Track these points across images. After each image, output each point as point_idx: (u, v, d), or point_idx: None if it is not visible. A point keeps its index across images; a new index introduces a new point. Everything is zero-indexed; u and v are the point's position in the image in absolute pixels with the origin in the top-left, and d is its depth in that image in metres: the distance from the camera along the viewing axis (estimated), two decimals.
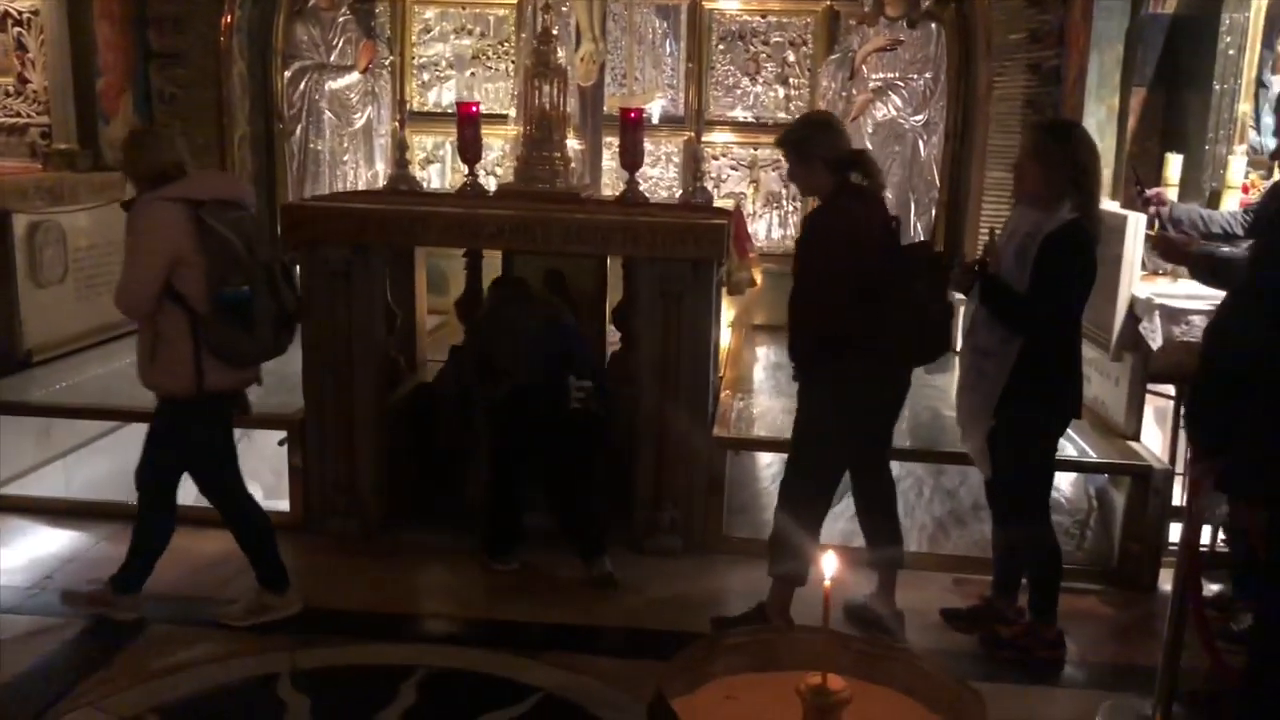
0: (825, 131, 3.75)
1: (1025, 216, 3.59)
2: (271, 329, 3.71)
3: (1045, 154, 3.51)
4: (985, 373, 3.57)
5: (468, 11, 7.63)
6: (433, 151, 7.75)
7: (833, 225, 3.65)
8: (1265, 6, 5.00)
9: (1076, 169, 3.48)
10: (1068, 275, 3.50)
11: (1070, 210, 3.48)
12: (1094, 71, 5.96)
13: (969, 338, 3.71)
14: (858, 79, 6.77)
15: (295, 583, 4.08)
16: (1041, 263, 3.44)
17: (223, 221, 3.57)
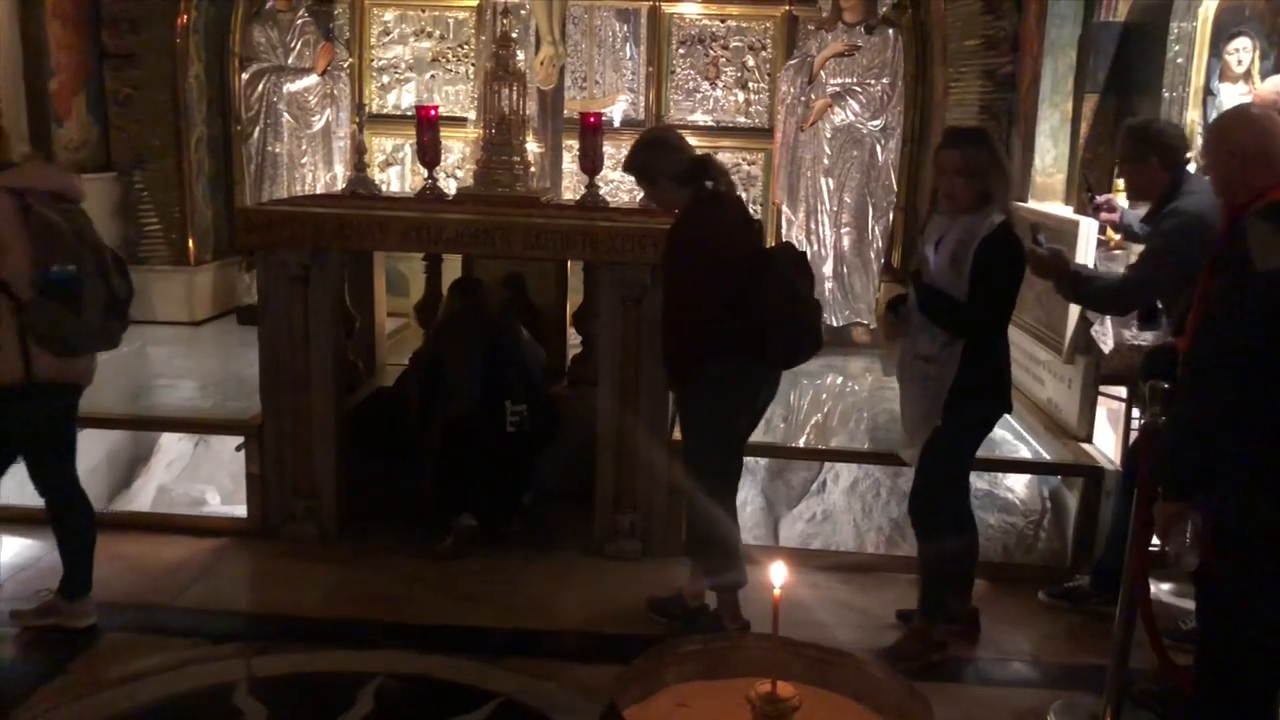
0: (662, 149, 3.81)
1: (956, 222, 3.59)
2: (100, 314, 3.62)
3: (975, 164, 3.52)
4: (930, 377, 3.61)
5: (427, 14, 7.62)
6: (392, 154, 7.72)
7: (691, 235, 3.70)
8: (1212, 16, 5.09)
9: (1003, 172, 3.56)
10: (1005, 277, 3.57)
11: (998, 213, 3.53)
12: (1048, 78, 6.05)
13: (909, 345, 3.72)
14: (816, 84, 6.82)
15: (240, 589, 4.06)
16: (979, 267, 3.48)
17: (51, 210, 3.54)
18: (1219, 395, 2.38)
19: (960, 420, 3.62)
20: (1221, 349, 2.39)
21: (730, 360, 3.66)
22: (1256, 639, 2.44)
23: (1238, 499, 2.42)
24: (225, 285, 7.41)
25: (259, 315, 4.67)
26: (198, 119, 7.16)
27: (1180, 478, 2.57)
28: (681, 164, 3.76)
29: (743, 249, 3.73)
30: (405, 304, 6.32)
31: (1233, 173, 3.01)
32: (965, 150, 3.54)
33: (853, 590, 4.37)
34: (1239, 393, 2.34)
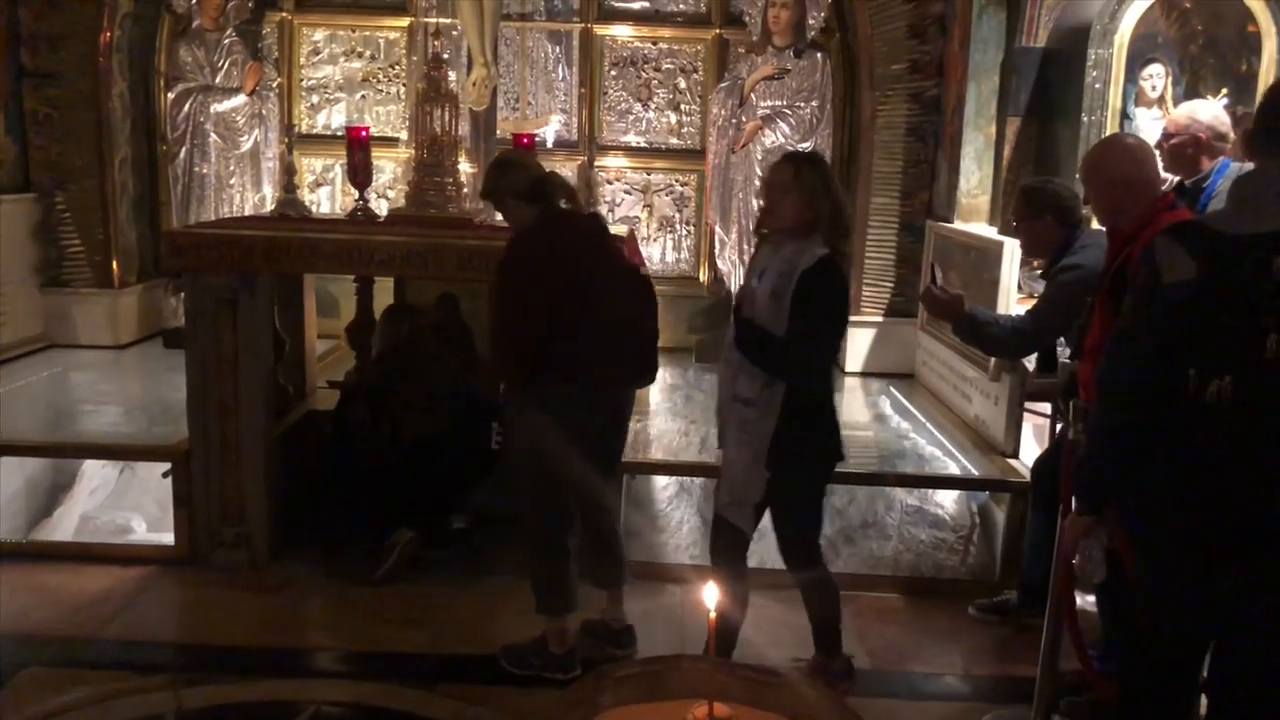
0: (508, 170, 3.82)
1: (779, 253, 3.38)
2: None
3: (805, 184, 3.32)
4: (748, 422, 3.38)
5: (357, 34, 7.57)
6: (322, 174, 7.65)
7: (520, 254, 3.69)
8: (1127, 43, 5.25)
9: (832, 201, 3.34)
10: (823, 314, 3.33)
11: (821, 245, 3.33)
12: (972, 101, 6.20)
13: (729, 387, 3.48)
14: (747, 106, 6.90)
15: (168, 619, 3.97)
16: (797, 302, 3.27)
17: None
18: (1125, 408, 2.42)
19: (791, 475, 3.44)
20: (1126, 363, 2.44)
21: (555, 383, 3.59)
22: (1172, 645, 2.49)
23: (1147, 509, 2.45)
24: (150, 308, 7.26)
25: (186, 339, 4.60)
26: (121, 139, 7.03)
27: (1091, 491, 2.61)
28: (525, 182, 3.75)
29: (587, 266, 3.64)
30: (336, 325, 6.25)
31: (1117, 201, 3.16)
32: (800, 169, 3.35)
33: (786, 608, 4.39)
34: (1143, 405, 2.37)
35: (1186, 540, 2.33)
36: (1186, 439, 2.29)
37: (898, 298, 6.95)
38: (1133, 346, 2.40)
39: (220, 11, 7.04)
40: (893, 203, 6.92)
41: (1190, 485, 2.30)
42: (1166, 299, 2.27)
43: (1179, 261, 2.25)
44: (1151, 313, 2.34)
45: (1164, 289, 2.27)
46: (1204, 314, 2.23)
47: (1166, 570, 2.41)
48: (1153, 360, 2.32)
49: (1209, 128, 3.98)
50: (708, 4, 7.45)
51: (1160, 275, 2.27)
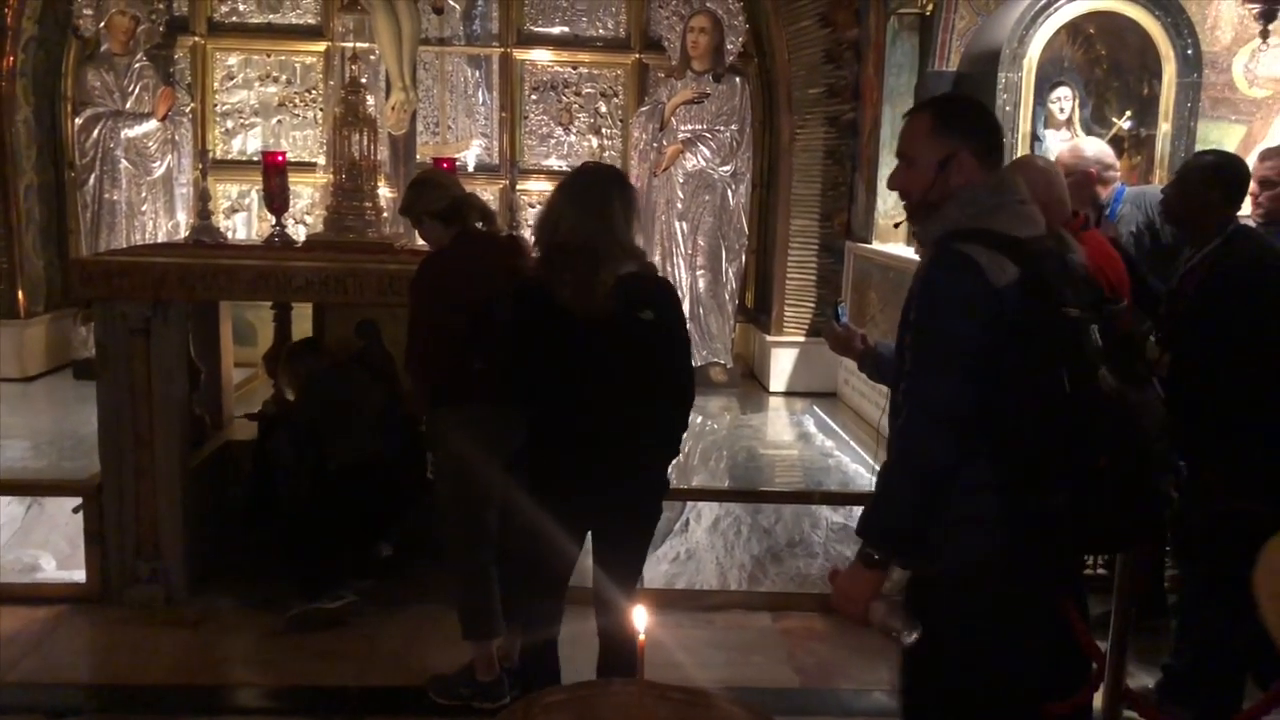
0: (426, 189, 3.80)
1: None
2: None
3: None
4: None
5: (272, 59, 7.47)
6: (238, 200, 7.52)
7: (432, 273, 3.67)
8: (1035, 67, 5.40)
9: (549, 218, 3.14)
10: (516, 335, 3.15)
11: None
12: (887, 124, 6.32)
13: None
14: (668, 130, 6.95)
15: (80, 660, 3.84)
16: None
17: None
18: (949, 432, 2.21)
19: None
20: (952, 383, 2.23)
21: (470, 404, 3.54)
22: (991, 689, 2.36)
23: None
24: (59, 339, 7.05)
25: (97, 370, 4.47)
26: (26, 165, 6.84)
27: (899, 537, 2.28)
28: (442, 202, 3.71)
29: (491, 289, 3.53)
30: (253, 354, 6.13)
31: None
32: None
33: (715, 629, 4.41)
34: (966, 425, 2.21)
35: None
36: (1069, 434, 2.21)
37: (819, 318, 7.03)
38: (956, 363, 2.19)
39: (129, 36, 6.90)
40: (812, 224, 7.02)
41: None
42: (999, 301, 2.17)
43: (1002, 264, 2.18)
44: (977, 322, 2.18)
45: (1000, 291, 2.16)
46: (1049, 311, 2.21)
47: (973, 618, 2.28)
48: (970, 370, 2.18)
49: (1097, 161, 4.12)
50: (627, 29, 7.51)
51: (989, 281, 2.16)
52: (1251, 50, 5.95)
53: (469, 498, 3.67)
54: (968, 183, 2.32)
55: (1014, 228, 2.27)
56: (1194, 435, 3.33)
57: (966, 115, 2.42)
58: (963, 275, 2.19)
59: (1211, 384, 3.29)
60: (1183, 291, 3.42)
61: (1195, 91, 5.39)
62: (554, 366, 2.98)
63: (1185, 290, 3.41)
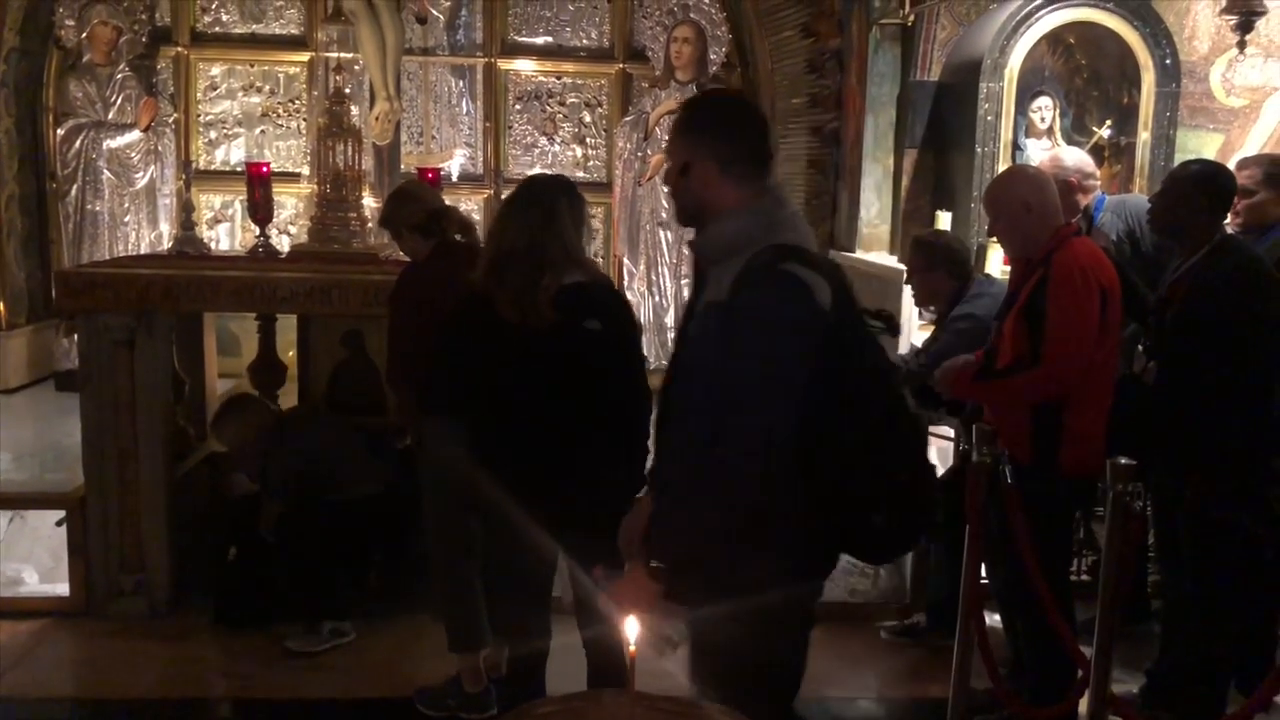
0: (405, 201, 3.82)
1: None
2: None
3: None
4: None
5: (256, 69, 7.46)
6: (221, 210, 7.50)
7: (410, 286, 3.69)
8: (1016, 77, 5.44)
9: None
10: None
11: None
12: (870, 134, 6.36)
13: None
14: (652, 140, 6.97)
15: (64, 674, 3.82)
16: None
17: None
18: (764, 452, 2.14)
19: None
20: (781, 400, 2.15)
21: (443, 416, 3.50)
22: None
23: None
24: (41, 350, 7.01)
25: (81, 381, 4.44)
26: (9, 176, 6.81)
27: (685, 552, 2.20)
28: (421, 215, 3.72)
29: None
30: (237, 365, 6.11)
31: (1028, 226, 3.28)
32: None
33: None
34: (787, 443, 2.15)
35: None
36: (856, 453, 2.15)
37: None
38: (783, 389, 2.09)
39: (112, 46, 6.89)
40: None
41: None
42: (826, 322, 2.11)
43: (821, 283, 2.11)
44: (809, 345, 2.10)
45: (824, 312, 2.10)
46: (858, 329, 2.18)
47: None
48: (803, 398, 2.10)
49: (1077, 170, 4.16)
50: (611, 39, 7.53)
51: (817, 302, 2.09)
52: (1229, 60, 6.01)
53: (451, 508, 3.66)
54: (715, 194, 2.21)
55: (810, 243, 2.20)
56: (1179, 444, 3.37)
57: (710, 122, 2.28)
58: (794, 297, 2.07)
59: (1197, 393, 3.32)
60: (1170, 300, 3.45)
61: (1174, 101, 5.44)
62: (494, 376, 2.93)
63: (1172, 299, 3.44)
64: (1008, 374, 3.27)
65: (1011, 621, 3.58)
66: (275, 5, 7.41)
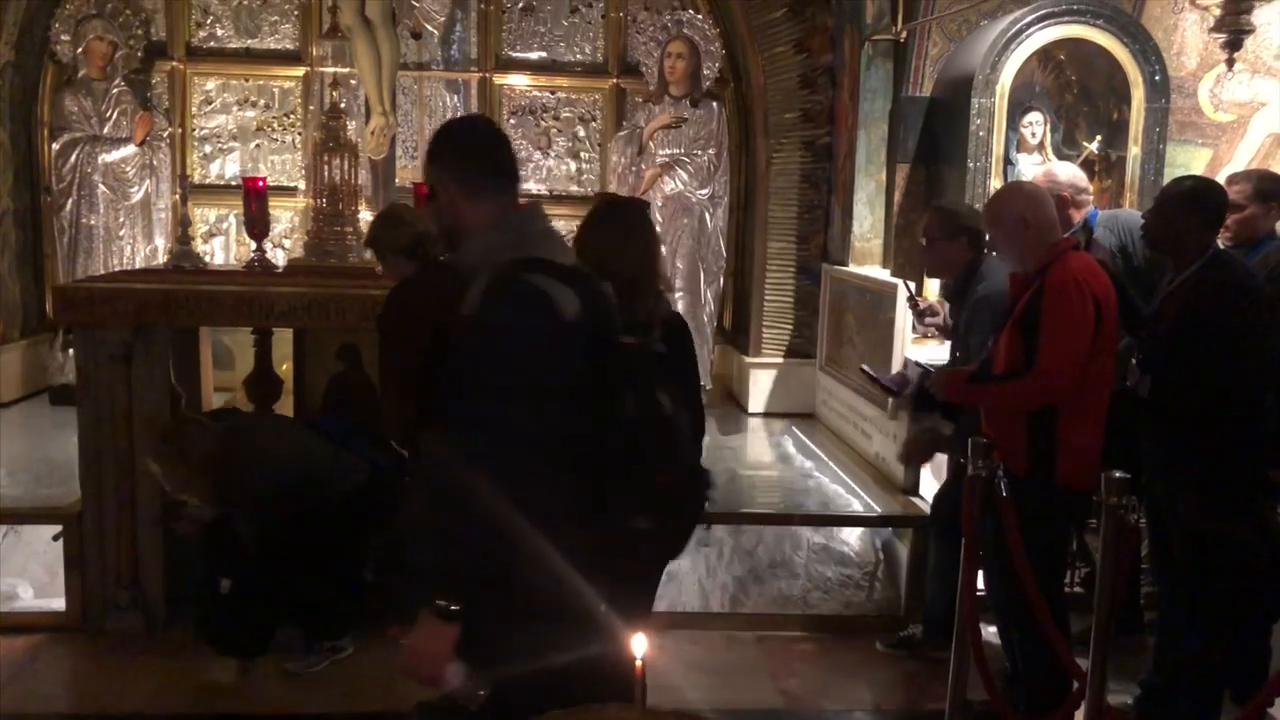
0: (392, 224, 3.84)
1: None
2: None
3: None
4: None
5: (251, 84, 7.47)
6: (216, 225, 7.50)
7: (393, 305, 3.67)
8: (1008, 92, 5.49)
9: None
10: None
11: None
12: (862, 149, 6.41)
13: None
14: (646, 154, 7.01)
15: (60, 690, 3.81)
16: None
17: None
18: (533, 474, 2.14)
19: None
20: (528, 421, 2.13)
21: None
22: None
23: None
24: (35, 364, 7.00)
25: (78, 395, 4.45)
26: (3, 190, 6.81)
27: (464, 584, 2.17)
28: (406, 238, 3.75)
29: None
30: (232, 378, 6.11)
31: (1027, 240, 3.33)
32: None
33: (703, 650, 4.43)
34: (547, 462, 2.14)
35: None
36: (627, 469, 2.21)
37: (797, 339, 7.11)
38: (529, 400, 2.09)
39: (107, 61, 6.90)
40: (789, 247, 7.10)
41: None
42: (575, 336, 2.13)
43: (569, 296, 2.13)
44: (559, 358, 2.12)
45: (570, 323, 2.11)
46: (613, 343, 2.20)
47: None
48: (559, 409, 2.10)
49: (1070, 185, 4.20)
50: (605, 54, 7.56)
51: (564, 314, 2.11)
52: (1216, 75, 6.07)
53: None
54: (463, 214, 2.26)
55: (563, 257, 2.24)
56: (1173, 457, 3.40)
57: (448, 146, 2.33)
58: (534, 308, 2.10)
59: (1190, 406, 3.36)
60: (1163, 315, 3.49)
61: (1164, 116, 5.49)
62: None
63: (1165, 313, 3.48)
64: (1002, 380, 3.31)
65: (1008, 632, 3.61)
66: (270, 20, 7.44)
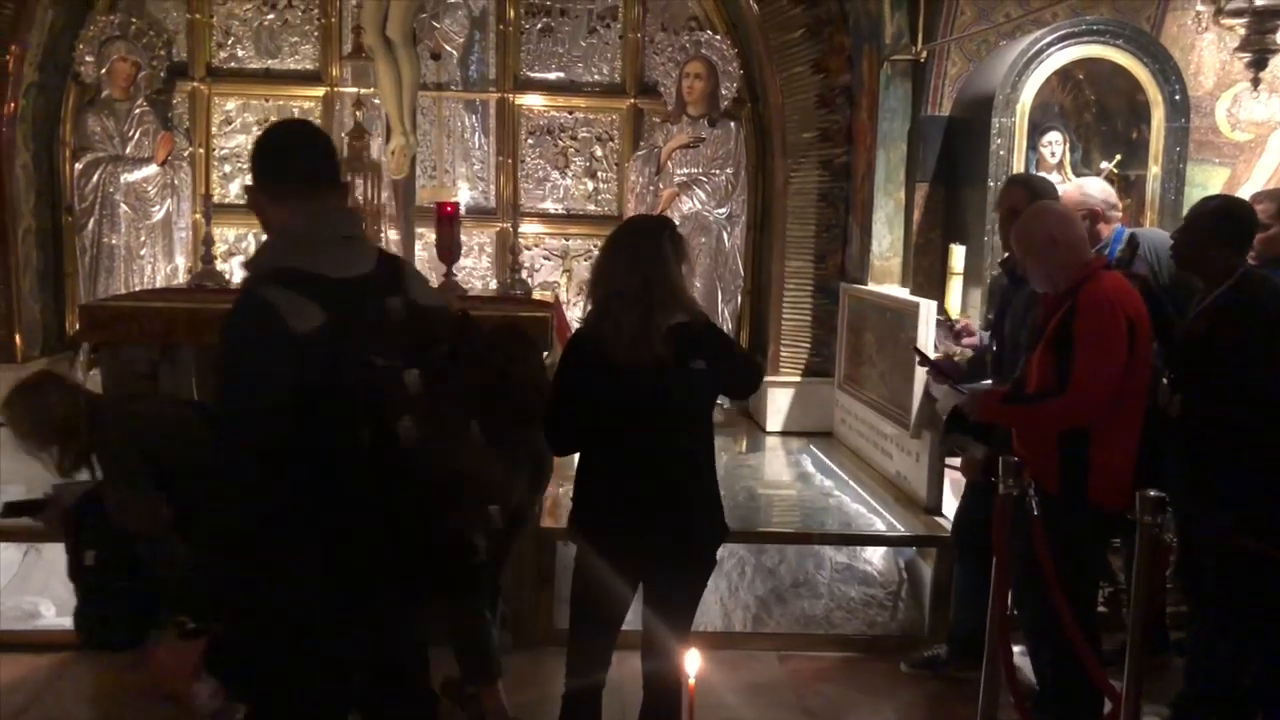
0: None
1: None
2: None
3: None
4: None
5: (270, 104, 7.53)
6: (235, 244, 7.54)
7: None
8: (1027, 113, 5.51)
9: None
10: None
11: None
12: (881, 168, 6.42)
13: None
14: (664, 174, 7.04)
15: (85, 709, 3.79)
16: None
17: None
18: (259, 487, 2.13)
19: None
20: (252, 438, 2.12)
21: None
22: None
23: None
24: None
25: None
26: (25, 210, 6.86)
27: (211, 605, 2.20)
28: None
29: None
30: None
31: (1055, 259, 3.33)
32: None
33: (722, 671, 4.40)
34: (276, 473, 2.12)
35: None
36: (362, 490, 2.15)
37: (815, 358, 7.11)
38: (260, 418, 2.09)
39: (130, 81, 6.97)
40: (807, 266, 7.10)
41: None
42: (304, 349, 2.10)
43: (307, 308, 2.11)
44: (279, 370, 2.09)
45: (301, 337, 2.09)
46: (353, 359, 2.14)
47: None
48: (286, 423, 2.08)
49: (1103, 201, 4.22)
50: (622, 74, 7.60)
51: (290, 327, 2.08)
52: (1234, 95, 6.08)
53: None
54: (267, 216, 2.29)
55: (328, 267, 2.19)
56: (1204, 476, 3.39)
57: (258, 148, 2.36)
58: (259, 321, 2.10)
59: (1221, 425, 3.35)
60: (1193, 334, 3.49)
61: (1184, 135, 5.49)
62: (599, 417, 2.91)
63: (1195, 333, 3.48)
64: (1034, 400, 3.30)
65: (1038, 653, 3.59)
66: (290, 41, 7.50)
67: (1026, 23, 5.88)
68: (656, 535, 2.92)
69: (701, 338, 2.95)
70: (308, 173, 2.26)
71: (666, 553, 2.96)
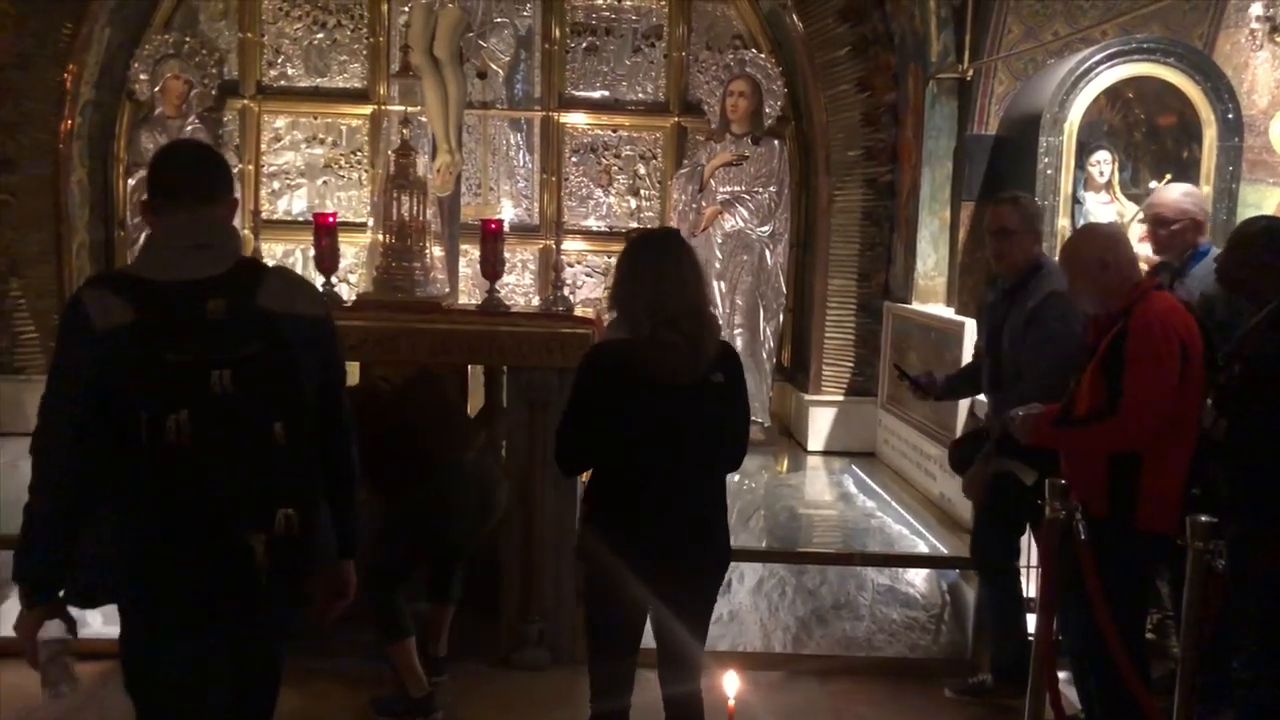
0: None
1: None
2: None
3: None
4: None
5: (319, 121, 7.63)
6: (283, 259, 7.63)
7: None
8: (1075, 131, 5.45)
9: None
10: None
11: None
12: (926, 186, 6.38)
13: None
14: (707, 192, 7.04)
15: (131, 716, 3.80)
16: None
17: None
18: (65, 471, 2.38)
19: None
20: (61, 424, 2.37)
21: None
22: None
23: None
24: None
25: None
26: (80, 225, 7.00)
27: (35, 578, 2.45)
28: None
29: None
30: None
31: (1106, 282, 3.29)
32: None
33: (761, 693, 4.37)
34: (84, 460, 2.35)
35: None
36: (148, 481, 2.30)
37: (858, 377, 7.06)
38: (64, 405, 2.33)
39: (183, 99, 7.10)
40: (850, 284, 7.07)
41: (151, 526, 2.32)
42: (104, 344, 2.27)
43: (114, 307, 2.28)
44: (81, 363, 2.30)
45: (102, 334, 2.26)
46: (147, 355, 2.27)
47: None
48: (87, 412, 2.29)
49: (1202, 210, 4.30)
50: (666, 93, 7.62)
51: (92, 323, 2.28)
52: None
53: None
54: (150, 227, 2.54)
55: (156, 271, 2.37)
56: (1249, 501, 3.32)
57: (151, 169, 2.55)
58: (69, 316, 2.35)
59: (1267, 448, 3.29)
60: (1239, 356, 3.43)
61: (1236, 155, 5.41)
62: (622, 433, 2.91)
63: (1241, 355, 3.42)
64: (1085, 423, 3.26)
65: (1084, 679, 3.52)
66: (339, 60, 7.60)
67: (1075, 40, 5.81)
68: (671, 555, 2.92)
69: (719, 352, 2.97)
70: (178, 189, 2.45)
71: (683, 555, 2.95)
